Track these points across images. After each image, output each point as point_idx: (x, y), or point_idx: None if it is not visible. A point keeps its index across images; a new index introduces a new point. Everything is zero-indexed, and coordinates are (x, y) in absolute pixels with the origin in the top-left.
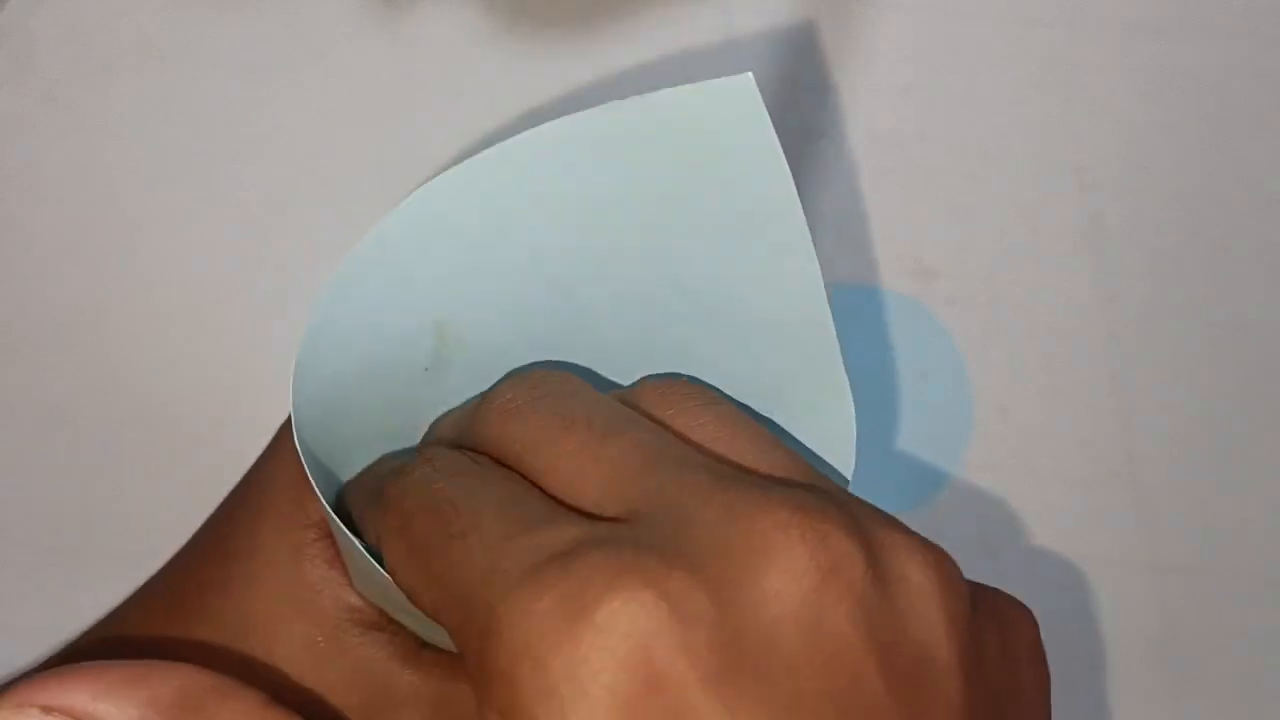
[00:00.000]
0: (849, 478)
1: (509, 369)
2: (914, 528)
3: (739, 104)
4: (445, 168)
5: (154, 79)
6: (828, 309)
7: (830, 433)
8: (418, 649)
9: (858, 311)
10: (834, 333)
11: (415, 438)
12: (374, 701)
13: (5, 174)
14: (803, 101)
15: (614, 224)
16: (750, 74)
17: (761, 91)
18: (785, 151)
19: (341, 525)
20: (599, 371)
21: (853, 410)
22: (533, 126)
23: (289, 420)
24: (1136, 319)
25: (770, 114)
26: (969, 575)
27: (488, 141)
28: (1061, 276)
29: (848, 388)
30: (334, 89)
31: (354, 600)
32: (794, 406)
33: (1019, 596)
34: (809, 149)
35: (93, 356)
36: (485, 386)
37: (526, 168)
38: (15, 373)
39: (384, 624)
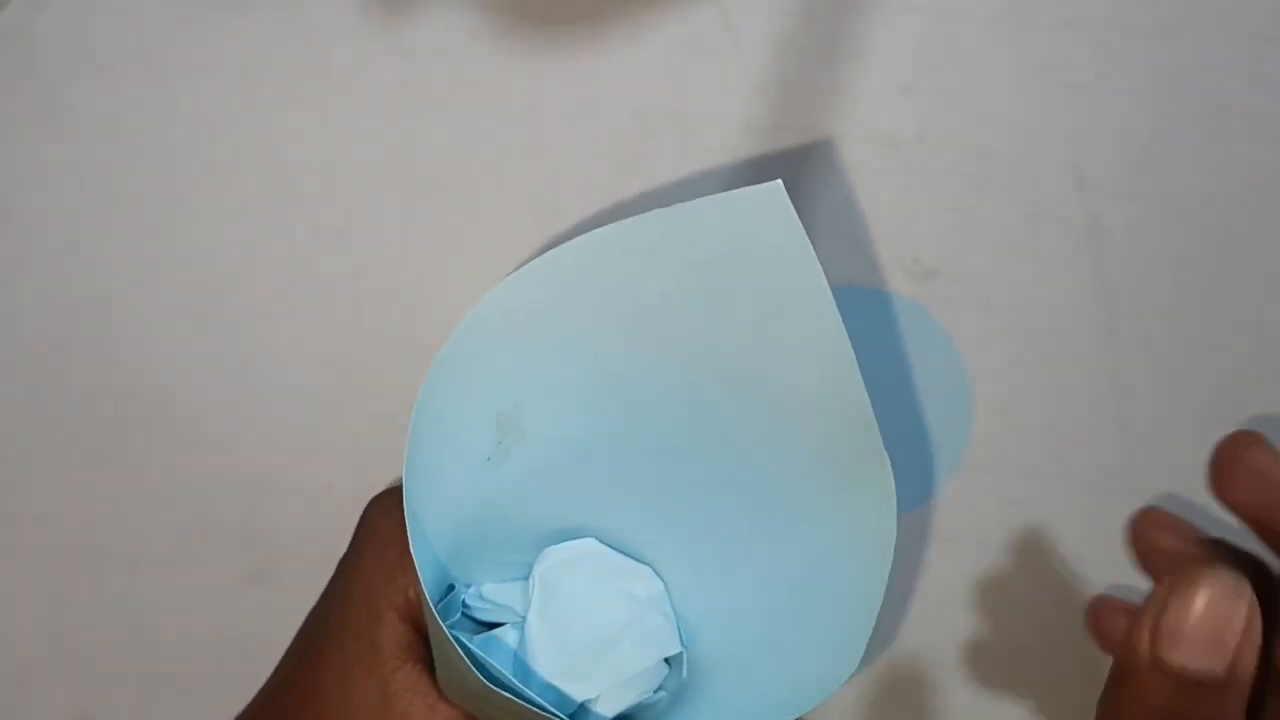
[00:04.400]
0: (892, 534)
1: (569, 461)
2: (914, 527)
3: (770, 209)
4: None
5: (154, 79)
6: (860, 382)
7: (871, 498)
8: None
9: (858, 311)
10: (868, 403)
11: (476, 529)
12: None
13: (5, 174)
14: (802, 101)
15: (662, 325)
16: (779, 182)
17: (761, 91)
18: (785, 151)
19: (446, 631)
20: (654, 459)
21: (892, 479)
22: (543, 138)
23: (359, 543)
24: (1136, 319)
25: (769, 114)
26: (968, 574)
27: (488, 142)
28: (1061, 276)
29: (885, 456)
30: (334, 90)
31: (440, 719)
32: (834, 477)
33: (1018, 597)
34: (809, 149)
35: (93, 356)
36: (545, 477)
37: (578, 272)
38: (15, 373)
39: None
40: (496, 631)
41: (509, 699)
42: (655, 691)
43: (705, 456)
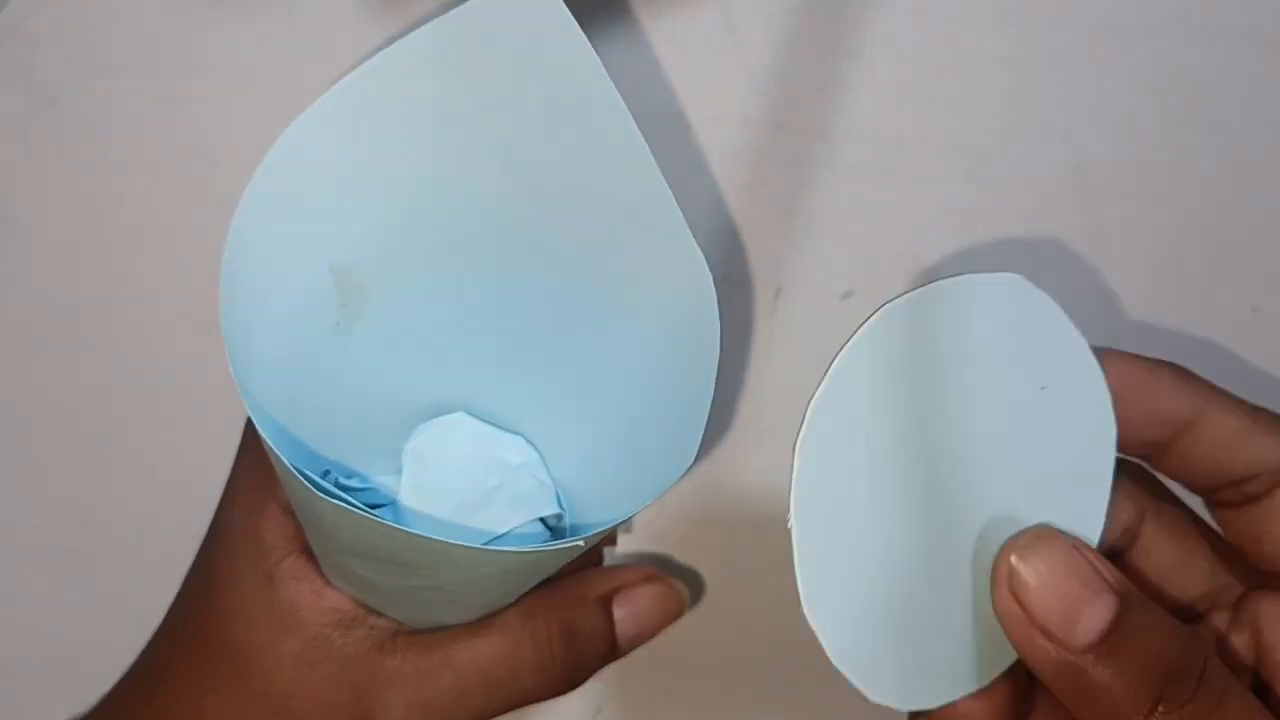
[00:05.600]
0: (716, 331)
1: (418, 322)
2: None
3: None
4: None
5: (154, 79)
6: (664, 185)
7: (693, 306)
8: (393, 635)
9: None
10: (676, 207)
11: (335, 407)
12: (363, 692)
13: (5, 174)
14: (802, 101)
15: (472, 148)
16: None
17: (761, 91)
18: (784, 150)
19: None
20: (500, 314)
21: (709, 279)
22: None
23: (240, 447)
24: (1136, 319)
25: (769, 114)
26: None
27: None
28: (1061, 277)
29: (701, 258)
30: None
31: (328, 604)
32: (652, 286)
33: None
34: (809, 149)
35: (93, 356)
36: (401, 347)
37: (367, 103)
38: (15, 373)
39: (359, 619)
40: (374, 512)
41: (353, 514)
42: None
43: (540, 289)
